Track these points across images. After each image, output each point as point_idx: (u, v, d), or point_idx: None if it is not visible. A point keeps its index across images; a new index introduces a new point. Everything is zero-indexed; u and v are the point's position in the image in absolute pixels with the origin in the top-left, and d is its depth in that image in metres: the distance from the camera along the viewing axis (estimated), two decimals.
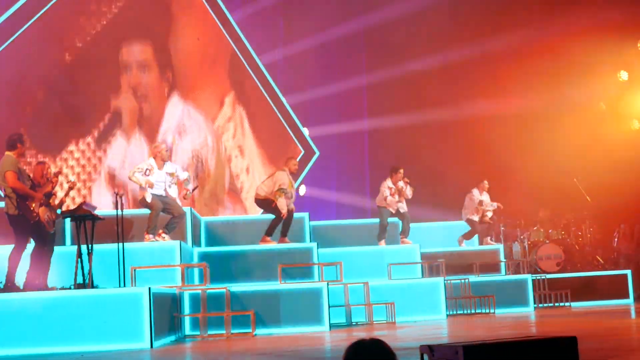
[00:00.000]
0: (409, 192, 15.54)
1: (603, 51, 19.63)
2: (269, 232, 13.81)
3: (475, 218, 16.44)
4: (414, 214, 16.73)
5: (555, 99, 19.83)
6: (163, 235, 12.58)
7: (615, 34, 19.35)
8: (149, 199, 12.62)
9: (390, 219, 15.48)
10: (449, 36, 19.87)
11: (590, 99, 20.22)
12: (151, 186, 12.62)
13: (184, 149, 18.11)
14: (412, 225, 16.53)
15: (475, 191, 16.57)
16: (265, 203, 13.95)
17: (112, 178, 16.90)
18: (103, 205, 15.46)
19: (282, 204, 13.61)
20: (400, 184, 15.54)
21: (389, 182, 15.55)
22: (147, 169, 12.79)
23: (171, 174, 12.95)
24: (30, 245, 10.90)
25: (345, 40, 20.90)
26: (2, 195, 10.71)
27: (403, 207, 15.53)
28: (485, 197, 16.58)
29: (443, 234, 16.74)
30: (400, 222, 15.56)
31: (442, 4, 20.13)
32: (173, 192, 13.07)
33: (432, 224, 17.03)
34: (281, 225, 13.86)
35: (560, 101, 19.84)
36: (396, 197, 15.45)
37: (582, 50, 19.87)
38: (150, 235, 12.54)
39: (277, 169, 14.39)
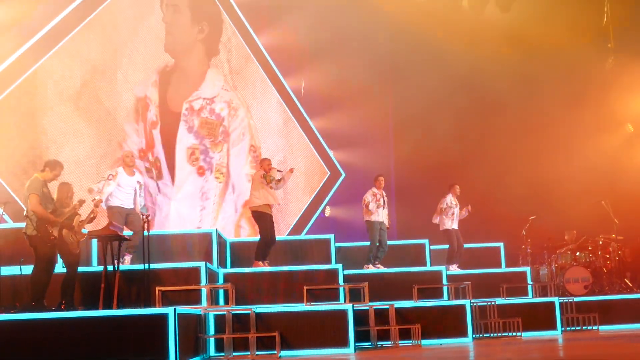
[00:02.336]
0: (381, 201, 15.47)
1: (631, 73, 19.54)
2: (260, 256, 13.86)
3: (454, 226, 16.32)
4: (438, 237, 16.68)
5: (582, 121, 19.74)
6: (126, 257, 12.50)
7: None
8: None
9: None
10: (476, 62, 19.85)
11: (617, 120, 20.12)
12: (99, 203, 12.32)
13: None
14: (438, 247, 16.48)
15: (449, 197, 16.44)
16: (257, 215, 14.02)
17: None
18: None
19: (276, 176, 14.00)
20: (384, 192, 15.56)
21: (374, 189, 15.53)
22: (110, 174, 12.73)
23: (140, 184, 12.92)
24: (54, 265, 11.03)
25: (372, 64, 20.97)
26: (25, 215, 10.86)
27: (385, 217, 15.45)
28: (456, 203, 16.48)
29: (469, 257, 16.64)
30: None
31: (471, 30, 20.14)
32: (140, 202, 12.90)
33: None
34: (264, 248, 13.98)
35: (586, 123, 19.75)
36: (380, 204, 15.37)
37: (610, 71, 19.80)
38: (127, 257, 12.51)
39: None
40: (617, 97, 19.88)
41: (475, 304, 14.28)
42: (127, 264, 12.36)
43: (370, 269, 14.97)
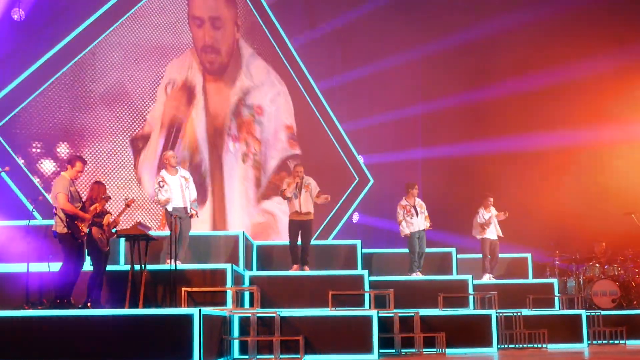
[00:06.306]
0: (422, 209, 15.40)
1: None
2: (292, 260, 14.13)
3: (488, 235, 16.21)
4: (466, 245, 16.61)
5: (611, 133, 19.59)
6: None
7: None
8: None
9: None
10: (505, 68, 19.78)
11: None
12: (167, 202, 12.54)
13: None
14: (464, 256, 16.39)
15: (481, 210, 16.32)
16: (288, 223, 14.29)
17: None
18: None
19: (289, 193, 13.99)
20: (418, 200, 15.46)
21: (402, 201, 15.46)
22: (159, 181, 12.65)
23: (185, 179, 12.81)
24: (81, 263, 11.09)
25: (401, 68, 20.94)
26: (53, 213, 10.88)
27: (421, 225, 15.33)
28: (493, 212, 16.33)
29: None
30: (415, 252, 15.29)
31: (500, 38, 20.06)
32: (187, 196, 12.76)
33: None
34: (301, 253, 14.02)
35: (616, 135, 19.59)
36: (412, 214, 15.27)
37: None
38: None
39: None
40: None
41: (501, 314, 14.19)
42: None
43: (415, 276, 14.90)
